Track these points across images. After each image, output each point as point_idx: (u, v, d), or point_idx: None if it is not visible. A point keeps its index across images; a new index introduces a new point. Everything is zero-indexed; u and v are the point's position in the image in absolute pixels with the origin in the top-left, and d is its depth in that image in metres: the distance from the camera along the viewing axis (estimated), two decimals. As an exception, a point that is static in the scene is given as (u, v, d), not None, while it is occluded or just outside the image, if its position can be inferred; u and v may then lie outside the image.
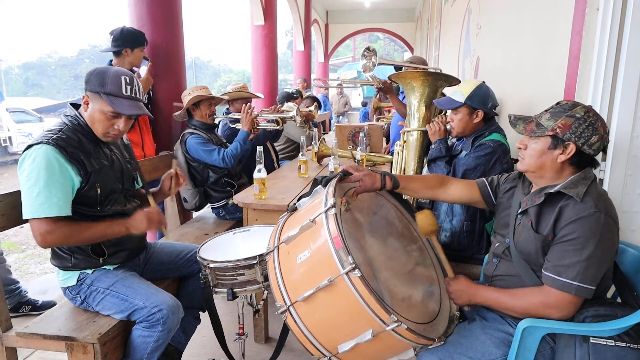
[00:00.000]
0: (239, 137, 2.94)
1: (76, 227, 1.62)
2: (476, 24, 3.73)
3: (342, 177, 1.54)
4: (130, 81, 1.69)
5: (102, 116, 1.68)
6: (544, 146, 1.36)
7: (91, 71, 1.69)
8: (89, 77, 1.67)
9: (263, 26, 6.88)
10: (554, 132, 1.33)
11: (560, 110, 1.35)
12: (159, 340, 1.65)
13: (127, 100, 1.68)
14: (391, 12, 13.92)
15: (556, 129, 1.32)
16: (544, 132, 1.34)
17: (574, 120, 1.31)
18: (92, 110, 1.68)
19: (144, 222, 1.72)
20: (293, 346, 2.38)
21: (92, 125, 1.70)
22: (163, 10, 3.18)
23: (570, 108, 1.33)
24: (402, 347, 1.33)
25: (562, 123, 1.32)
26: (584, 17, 1.65)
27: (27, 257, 4.58)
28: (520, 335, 1.29)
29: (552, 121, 1.34)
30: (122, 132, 1.73)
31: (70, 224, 1.61)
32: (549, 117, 1.35)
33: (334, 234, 1.24)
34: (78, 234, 1.62)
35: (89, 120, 1.70)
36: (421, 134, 2.37)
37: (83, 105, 1.70)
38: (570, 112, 1.32)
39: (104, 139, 1.74)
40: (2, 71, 37.06)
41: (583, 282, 1.25)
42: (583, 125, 1.30)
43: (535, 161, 1.38)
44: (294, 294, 1.31)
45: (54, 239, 1.58)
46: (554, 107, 1.37)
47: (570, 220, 1.28)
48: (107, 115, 1.68)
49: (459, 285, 1.52)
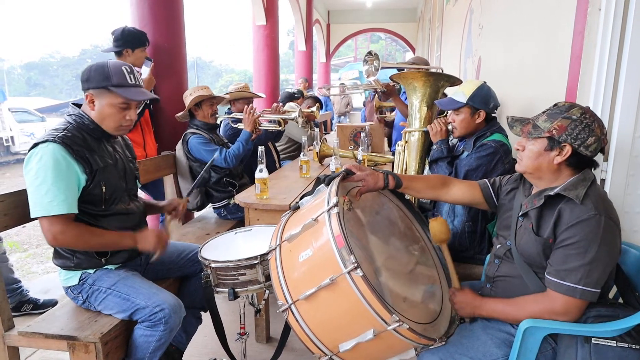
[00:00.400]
0: (241, 137, 2.94)
1: (88, 231, 1.64)
2: (478, 24, 3.73)
3: (345, 176, 1.54)
4: (130, 70, 1.71)
5: (113, 109, 1.69)
6: (540, 148, 1.36)
7: (87, 69, 1.68)
8: (88, 75, 1.67)
9: (265, 26, 6.88)
10: (550, 134, 1.33)
11: (556, 112, 1.34)
12: (161, 339, 1.65)
13: (134, 88, 1.70)
14: (393, 12, 13.92)
15: (552, 131, 1.32)
16: (541, 134, 1.34)
17: (570, 121, 1.31)
18: (100, 107, 1.69)
19: (153, 243, 1.74)
20: (294, 346, 2.38)
21: (103, 122, 1.71)
22: (165, 11, 3.19)
23: (567, 109, 1.33)
24: (403, 347, 1.33)
25: (559, 125, 1.32)
26: (585, 17, 1.64)
27: (28, 256, 4.59)
28: (521, 335, 1.29)
29: (548, 123, 1.34)
30: (132, 122, 1.75)
31: (82, 227, 1.63)
32: (546, 118, 1.36)
33: (337, 232, 1.23)
34: (89, 238, 1.64)
35: (97, 118, 1.70)
36: (423, 134, 2.36)
37: (87, 105, 1.70)
38: (567, 114, 1.32)
39: (117, 132, 1.75)
40: (5, 71, 37.19)
41: (587, 285, 1.24)
42: (579, 126, 1.30)
43: (532, 162, 1.38)
44: (295, 292, 1.31)
45: (65, 239, 1.59)
46: (551, 109, 1.37)
47: (571, 223, 1.28)
48: (118, 108, 1.69)
49: (464, 297, 1.51)
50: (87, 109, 1.71)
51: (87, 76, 1.67)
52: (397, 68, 3.02)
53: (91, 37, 65.96)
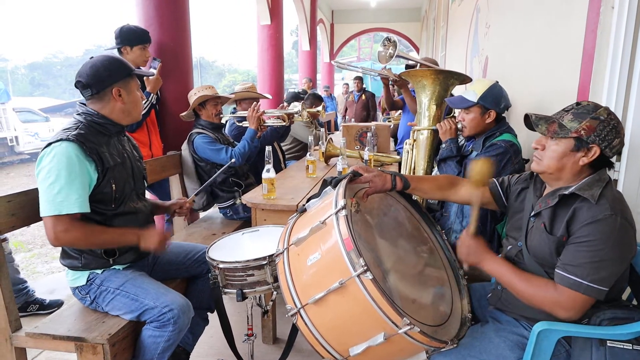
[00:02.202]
0: (247, 135, 2.93)
1: (91, 230, 1.63)
2: (485, 23, 3.71)
3: (352, 178, 1.52)
4: None
5: (139, 93, 1.79)
6: (566, 148, 1.32)
7: (105, 65, 1.67)
8: (111, 71, 1.68)
9: (269, 26, 6.87)
10: (577, 134, 1.29)
11: (583, 112, 1.31)
12: (170, 340, 1.64)
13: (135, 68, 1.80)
14: (397, 11, 13.91)
15: (580, 131, 1.29)
16: (567, 134, 1.30)
17: (598, 122, 1.28)
18: (129, 97, 1.74)
19: (155, 242, 1.73)
20: (301, 347, 2.37)
21: (133, 111, 1.78)
22: (170, 10, 3.18)
23: (594, 110, 1.30)
24: (414, 350, 1.31)
25: (587, 125, 1.28)
26: (598, 15, 1.62)
27: (33, 256, 4.60)
28: (535, 338, 1.27)
29: (575, 122, 1.30)
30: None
31: (85, 226, 1.61)
32: (572, 118, 1.32)
33: (345, 235, 1.22)
34: (91, 237, 1.62)
35: (126, 110, 1.75)
36: (431, 132, 2.35)
37: (114, 101, 1.71)
38: (595, 114, 1.29)
39: (140, 117, 1.85)
40: (9, 71, 37.30)
41: (593, 282, 1.22)
42: (607, 127, 1.27)
43: (555, 163, 1.34)
44: (304, 296, 1.30)
45: (67, 238, 1.58)
46: (576, 108, 1.33)
47: (586, 222, 1.25)
48: (139, 90, 1.80)
49: (475, 243, 1.46)
50: (101, 105, 1.70)
51: (109, 71, 1.67)
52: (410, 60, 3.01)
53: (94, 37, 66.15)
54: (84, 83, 1.67)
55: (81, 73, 1.67)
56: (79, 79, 1.68)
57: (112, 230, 1.69)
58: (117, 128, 1.76)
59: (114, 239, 1.70)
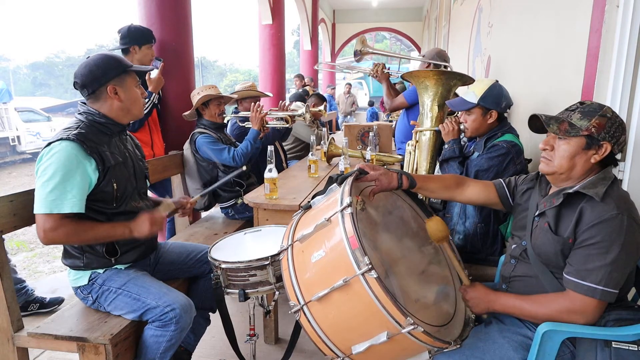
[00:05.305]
0: (249, 136, 2.92)
1: (80, 227, 1.59)
2: (487, 22, 3.70)
3: (358, 175, 1.52)
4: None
5: (138, 90, 1.77)
6: (578, 147, 1.32)
7: (98, 64, 1.66)
8: (105, 70, 1.66)
9: (271, 25, 6.88)
10: (589, 132, 1.29)
11: (590, 110, 1.32)
12: (172, 339, 1.64)
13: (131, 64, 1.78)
14: (398, 11, 13.91)
15: (591, 129, 1.29)
16: (578, 132, 1.31)
17: (606, 119, 1.29)
18: (127, 94, 1.73)
19: (147, 225, 1.69)
20: (304, 347, 2.36)
21: (132, 108, 1.76)
22: (172, 10, 3.18)
23: (600, 108, 1.31)
24: (417, 350, 1.31)
25: (597, 122, 1.29)
26: (603, 14, 1.61)
27: (35, 255, 4.59)
28: (540, 339, 1.26)
29: (585, 121, 1.31)
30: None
31: (74, 223, 1.58)
32: (581, 116, 1.32)
33: (350, 233, 1.21)
34: (81, 233, 1.60)
35: (125, 108, 1.73)
36: (434, 133, 2.34)
37: (111, 99, 1.70)
38: (602, 112, 1.30)
39: (142, 114, 1.83)
40: (11, 71, 37.40)
41: (608, 286, 1.22)
42: (615, 125, 1.29)
43: (567, 162, 1.34)
44: (308, 293, 1.29)
45: (56, 236, 1.56)
46: (581, 107, 1.34)
47: (592, 223, 1.25)
48: (138, 87, 1.76)
49: (476, 293, 1.48)
50: (100, 104, 1.70)
51: (104, 70, 1.66)
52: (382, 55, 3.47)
53: (96, 37, 66.23)
54: (80, 83, 1.67)
55: (77, 73, 1.68)
56: (75, 80, 1.68)
57: (101, 225, 1.65)
58: (119, 127, 1.76)
59: (105, 233, 1.65)
